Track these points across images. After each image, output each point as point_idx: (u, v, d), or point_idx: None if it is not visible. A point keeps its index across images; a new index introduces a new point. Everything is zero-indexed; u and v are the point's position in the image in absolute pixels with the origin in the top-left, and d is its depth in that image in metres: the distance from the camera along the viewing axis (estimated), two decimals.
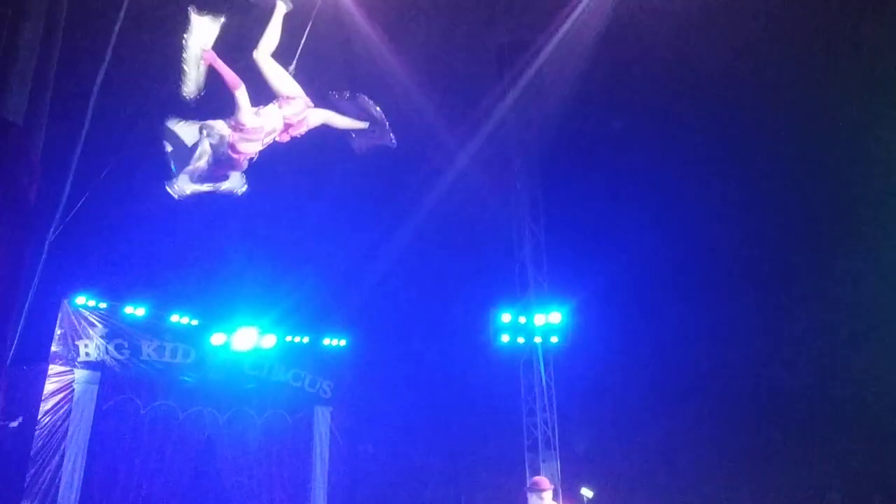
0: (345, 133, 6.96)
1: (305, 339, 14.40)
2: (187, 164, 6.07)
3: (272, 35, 6.19)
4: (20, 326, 3.11)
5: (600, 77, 13.05)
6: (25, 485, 11.06)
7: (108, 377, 12.34)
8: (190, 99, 5.71)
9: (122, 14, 3.75)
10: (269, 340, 13.64)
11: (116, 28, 3.71)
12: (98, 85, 3.50)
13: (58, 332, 11.94)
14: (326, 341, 14.68)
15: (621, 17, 12.24)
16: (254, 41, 6.13)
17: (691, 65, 11.98)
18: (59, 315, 12.04)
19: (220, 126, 6.11)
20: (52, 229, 3.24)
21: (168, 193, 6.17)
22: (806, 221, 13.03)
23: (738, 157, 12.86)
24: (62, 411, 11.73)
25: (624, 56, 12.76)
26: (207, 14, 5.72)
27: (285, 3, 6.18)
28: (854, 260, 12.34)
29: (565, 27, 12.70)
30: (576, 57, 13.22)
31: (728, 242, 13.10)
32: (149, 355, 12.79)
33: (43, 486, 11.26)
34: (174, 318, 13.09)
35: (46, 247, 3.27)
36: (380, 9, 11.41)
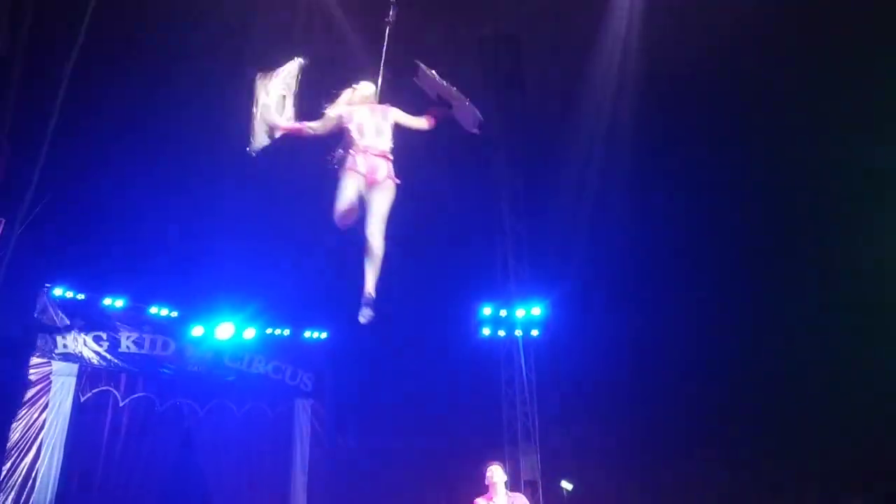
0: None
1: (286, 332, 14.36)
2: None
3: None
4: None
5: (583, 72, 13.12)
6: (0, 479, 10.97)
7: (85, 369, 12.25)
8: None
9: None
10: (250, 332, 13.59)
11: (90, 8, 3.67)
12: (70, 65, 3.45)
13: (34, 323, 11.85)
14: (307, 334, 14.64)
15: (606, 13, 12.32)
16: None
17: (670, 62, 12.03)
18: (37, 306, 11.94)
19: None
20: (22, 211, 3.19)
21: (147, 183, 6.09)
22: (788, 216, 13.12)
23: (719, 151, 12.91)
24: (39, 404, 11.61)
25: (607, 52, 12.82)
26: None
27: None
28: (839, 255, 12.40)
29: (549, 22, 12.75)
30: (559, 51, 13.27)
31: (708, 236, 13.15)
32: (127, 347, 12.70)
33: (18, 480, 11.13)
34: (153, 309, 13.02)
35: (17, 229, 3.22)
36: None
